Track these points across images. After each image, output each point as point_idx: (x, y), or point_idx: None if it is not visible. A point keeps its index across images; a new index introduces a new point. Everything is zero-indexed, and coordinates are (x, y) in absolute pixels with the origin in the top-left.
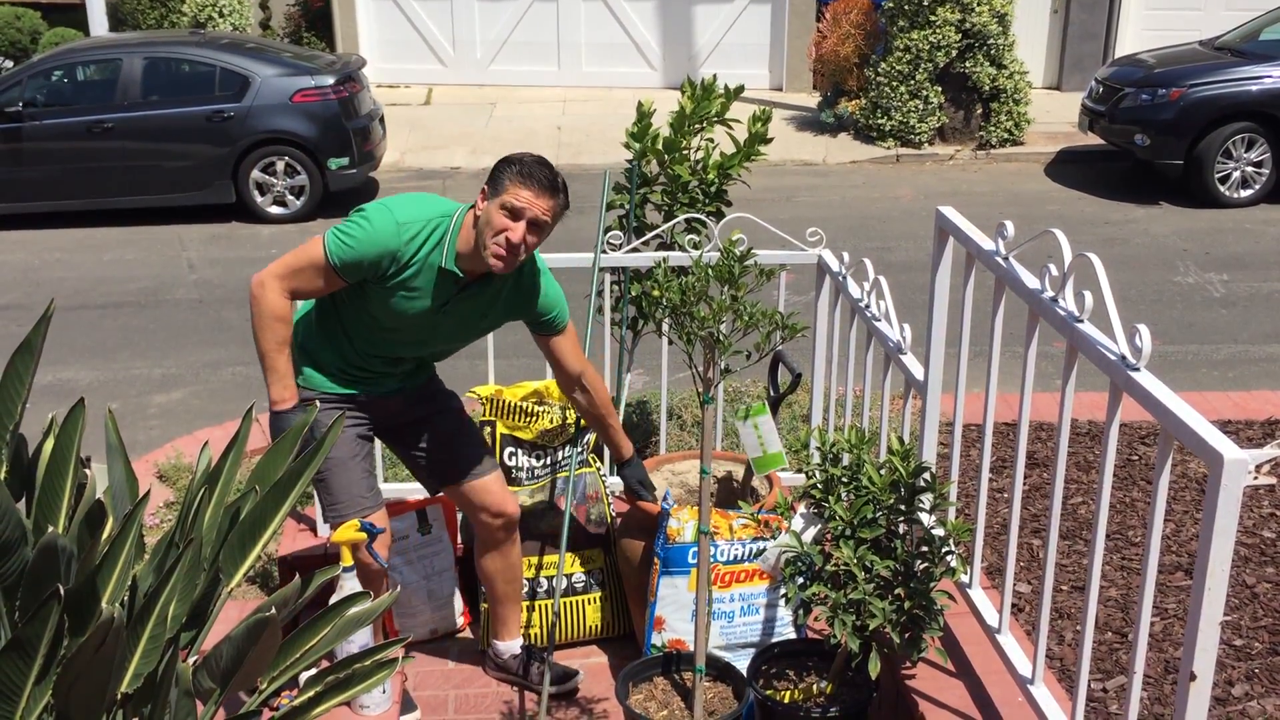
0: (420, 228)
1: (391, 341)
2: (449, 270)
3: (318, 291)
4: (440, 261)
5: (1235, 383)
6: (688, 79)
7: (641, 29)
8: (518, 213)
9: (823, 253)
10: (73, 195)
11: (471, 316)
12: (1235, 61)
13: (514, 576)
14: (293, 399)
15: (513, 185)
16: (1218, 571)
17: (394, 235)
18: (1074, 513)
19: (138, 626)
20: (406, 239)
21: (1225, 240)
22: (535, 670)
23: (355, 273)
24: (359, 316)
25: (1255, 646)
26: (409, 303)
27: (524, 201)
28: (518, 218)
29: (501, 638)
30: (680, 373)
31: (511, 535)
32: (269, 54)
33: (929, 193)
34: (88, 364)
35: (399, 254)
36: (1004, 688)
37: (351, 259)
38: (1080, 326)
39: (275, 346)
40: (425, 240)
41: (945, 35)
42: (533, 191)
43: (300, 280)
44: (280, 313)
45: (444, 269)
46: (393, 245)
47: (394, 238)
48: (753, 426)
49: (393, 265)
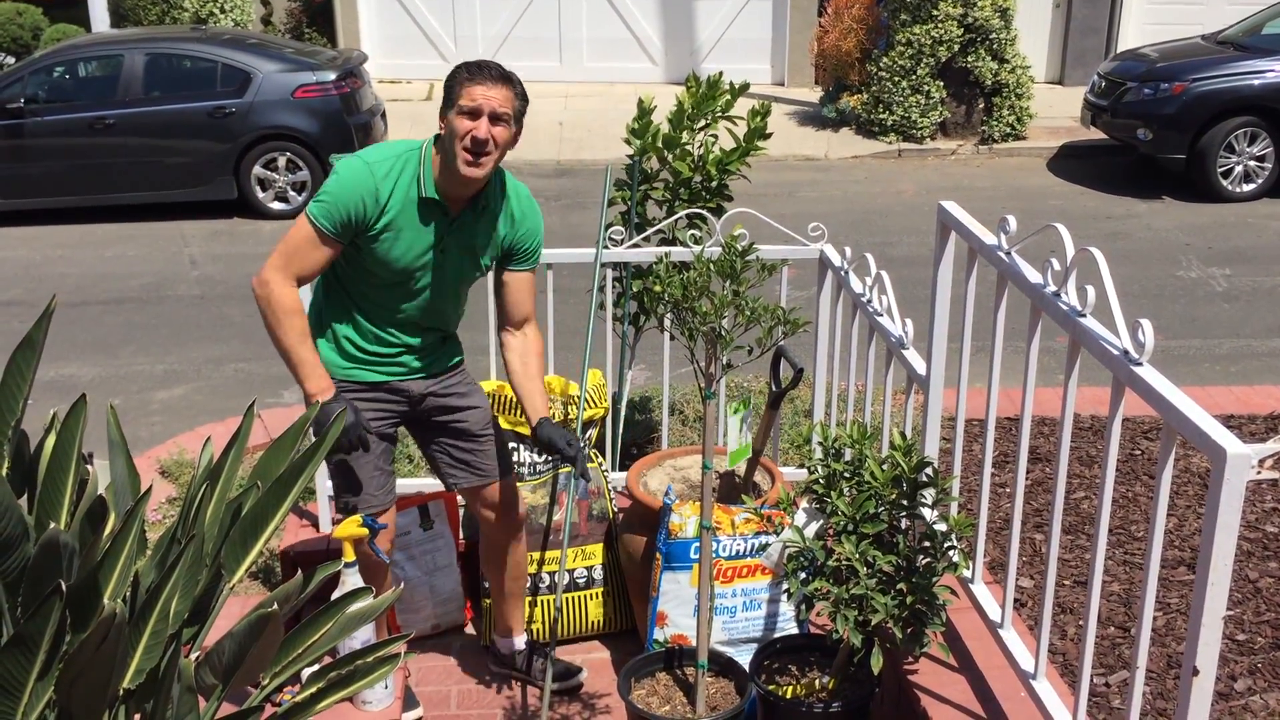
0: (391, 164)
1: (400, 302)
2: (431, 200)
3: (319, 266)
4: (420, 193)
5: (1238, 377)
6: (692, 74)
7: (643, 24)
8: (475, 111)
9: (825, 248)
10: (74, 191)
11: (471, 250)
12: (1238, 56)
13: (518, 574)
14: (330, 388)
15: (463, 88)
16: (1221, 566)
17: (366, 175)
18: (1076, 507)
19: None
20: (381, 175)
21: (1228, 235)
22: (538, 666)
23: (345, 230)
24: (362, 283)
25: (1258, 641)
26: (405, 246)
27: (479, 98)
28: (477, 115)
29: (504, 633)
30: (682, 368)
31: (517, 535)
32: (270, 50)
33: (931, 188)
34: (90, 360)
35: (377, 192)
36: (1006, 683)
37: (336, 214)
38: (1083, 321)
39: (297, 340)
40: (400, 174)
41: (947, 30)
42: (484, 85)
43: (299, 262)
44: (290, 304)
45: (425, 199)
46: (368, 184)
47: (367, 177)
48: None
49: (375, 207)
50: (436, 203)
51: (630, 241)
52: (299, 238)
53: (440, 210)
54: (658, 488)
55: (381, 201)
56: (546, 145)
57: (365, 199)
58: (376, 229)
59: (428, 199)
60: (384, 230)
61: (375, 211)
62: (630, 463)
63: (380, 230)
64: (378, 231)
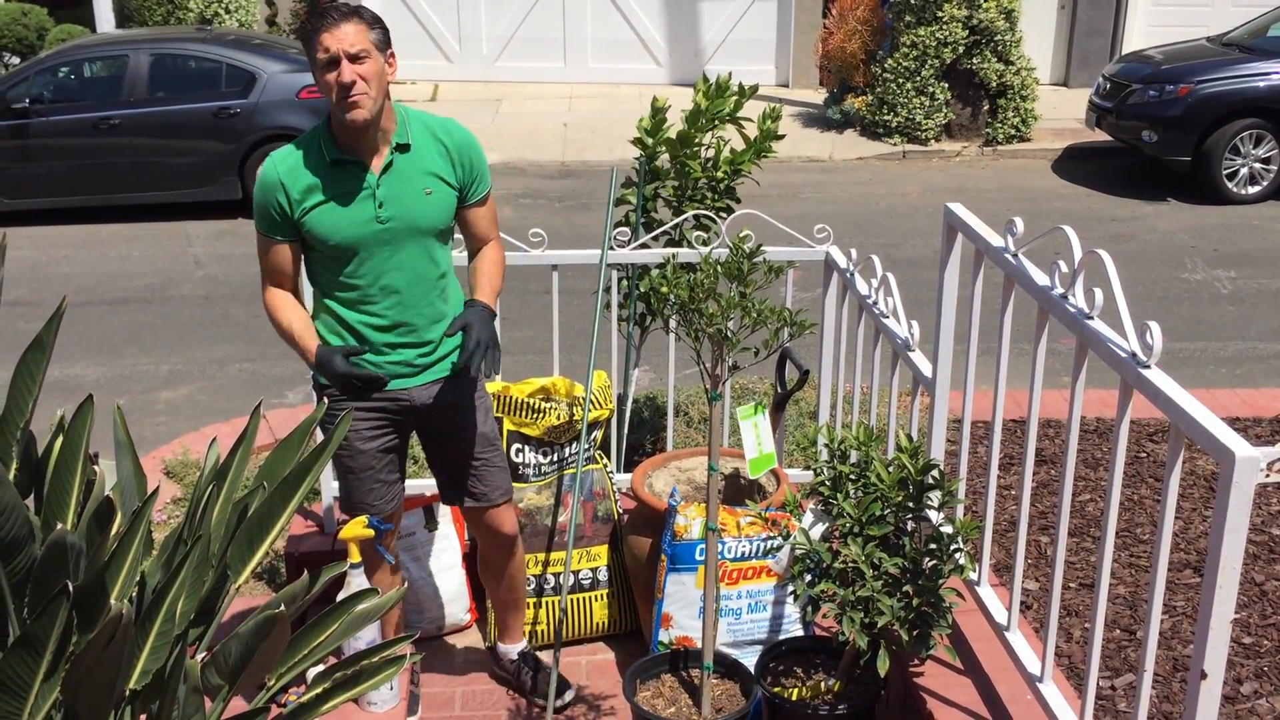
0: (291, 148)
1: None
2: (341, 160)
3: (286, 266)
4: (328, 157)
5: (1243, 379)
6: (702, 76)
7: (648, 25)
8: (331, 60)
9: (830, 249)
10: (79, 191)
11: (414, 195)
12: (1243, 58)
13: (514, 585)
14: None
15: (314, 42)
16: (1229, 569)
17: (270, 167)
18: (1082, 510)
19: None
20: (280, 159)
21: (1233, 237)
22: (529, 676)
23: (278, 225)
24: (329, 275)
25: (1264, 644)
26: (338, 214)
27: (330, 45)
28: (336, 64)
29: (504, 640)
30: (686, 369)
31: (510, 552)
32: (275, 50)
33: (935, 189)
34: (94, 360)
35: (282, 176)
36: (1012, 685)
37: (262, 214)
38: (1090, 323)
39: (287, 323)
40: (303, 152)
41: (952, 31)
42: (329, 31)
43: (269, 270)
44: (276, 302)
45: (333, 161)
46: (272, 176)
47: (271, 169)
48: (752, 426)
49: (284, 192)
50: (349, 162)
51: (636, 243)
52: (258, 252)
53: (359, 168)
54: (663, 489)
55: (289, 184)
56: (550, 146)
57: (273, 190)
58: (303, 208)
59: (335, 160)
60: (311, 208)
61: (288, 195)
62: (635, 464)
63: (308, 208)
64: (306, 209)
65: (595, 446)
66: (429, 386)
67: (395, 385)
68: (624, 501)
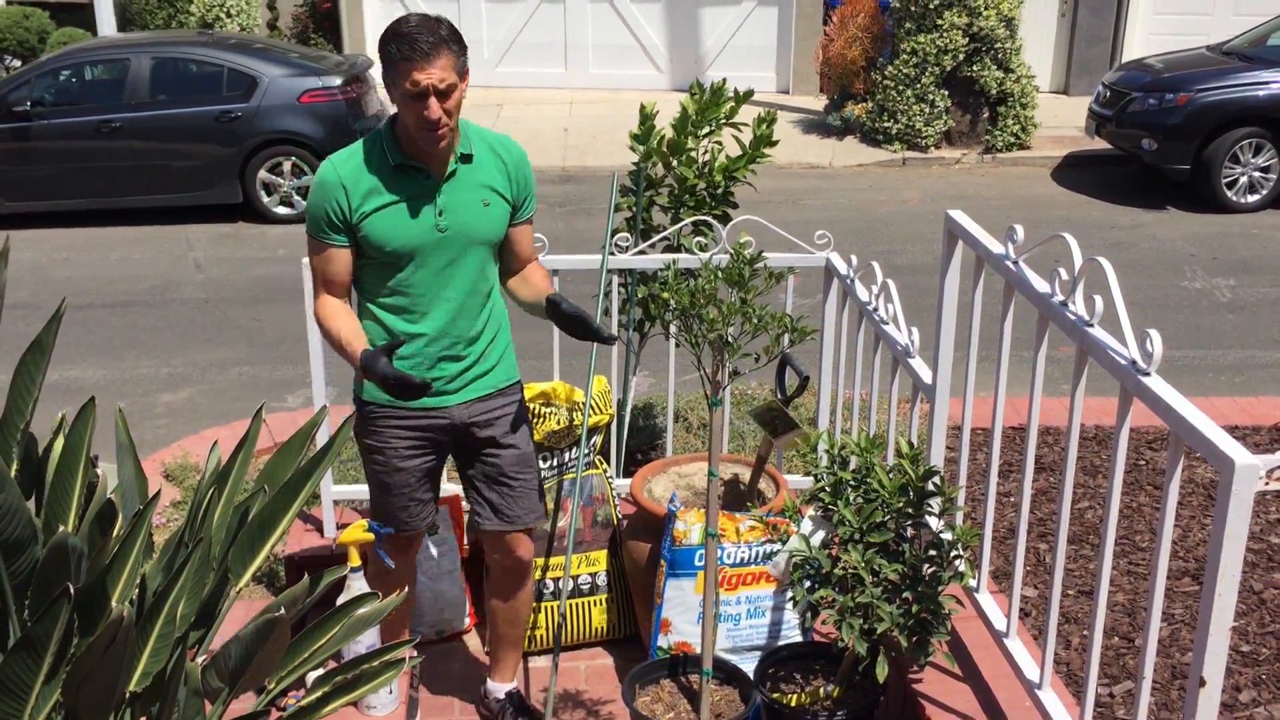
0: (353, 151)
1: (417, 285)
2: (405, 165)
3: (340, 273)
4: (391, 161)
5: (1242, 388)
6: (696, 82)
7: (649, 31)
8: (420, 94)
9: (830, 256)
10: (80, 194)
11: (473, 206)
12: (1243, 66)
13: (516, 620)
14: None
15: (399, 71)
16: (1228, 577)
17: (329, 169)
18: (1081, 517)
19: (147, 625)
20: (341, 162)
21: (1232, 245)
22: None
23: (335, 228)
24: (374, 279)
25: (1263, 652)
26: (401, 218)
27: (419, 80)
28: (422, 97)
29: (493, 677)
30: (685, 375)
31: (522, 581)
32: (276, 54)
33: (936, 196)
34: (95, 362)
35: (343, 178)
36: (1011, 692)
37: (318, 218)
38: (1090, 331)
39: (336, 329)
40: (365, 155)
41: (952, 39)
42: (416, 65)
43: (324, 277)
44: (327, 310)
45: (396, 166)
46: (333, 176)
47: (330, 171)
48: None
49: (352, 192)
50: (412, 168)
51: (636, 249)
52: (310, 258)
53: (421, 174)
54: (662, 494)
55: (350, 186)
56: (551, 151)
57: (333, 192)
58: (363, 211)
59: (398, 165)
60: (371, 212)
61: (348, 198)
62: (635, 469)
63: (368, 212)
64: (366, 213)
65: (595, 452)
66: (470, 404)
67: (434, 402)
68: (623, 507)
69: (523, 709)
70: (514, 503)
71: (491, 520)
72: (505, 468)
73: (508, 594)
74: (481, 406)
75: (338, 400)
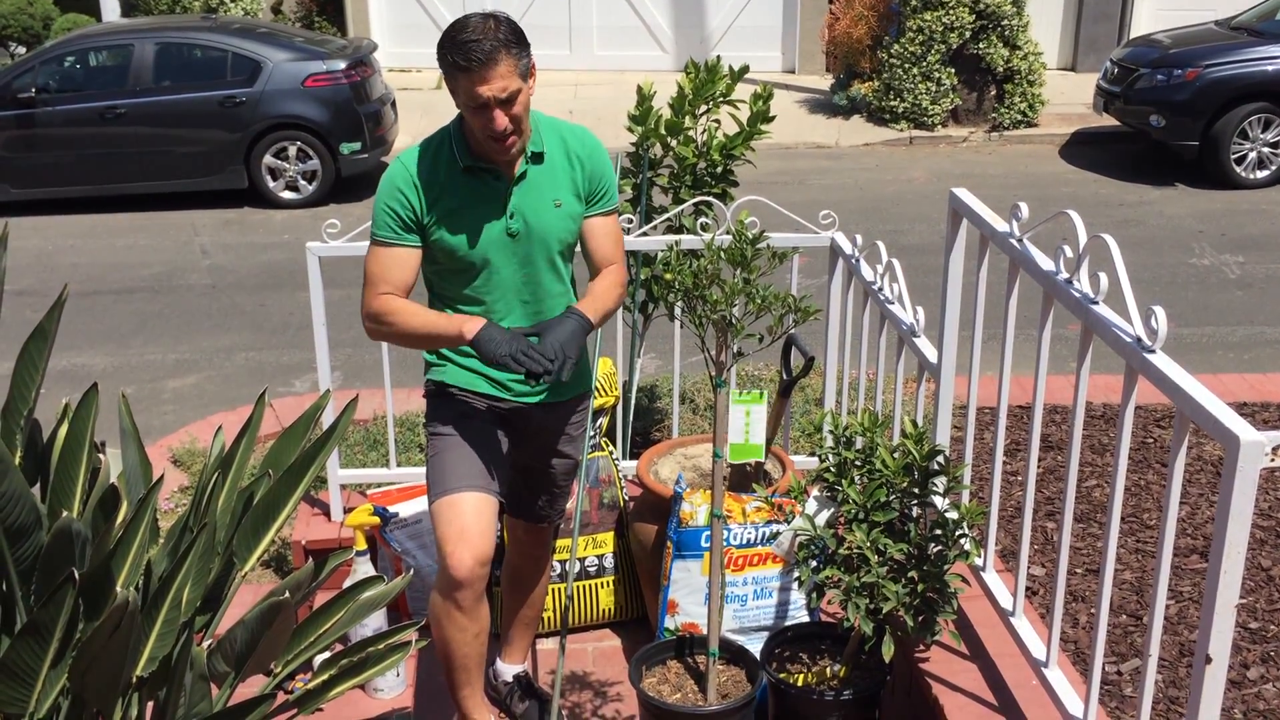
0: (422, 149)
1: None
2: (475, 168)
3: (406, 274)
4: (461, 163)
5: (1251, 365)
6: (691, 60)
7: (654, 12)
8: (480, 107)
9: (835, 235)
10: (86, 181)
11: (544, 206)
12: (1251, 41)
13: (533, 601)
14: (477, 320)
15: (458, 84)
16: (1234, 554)
17: (400, 168)
18: (1088, 495)
19: (152, 610)
20: (412, 161)
21: (1241, 221)
22: (519, 703)
23: (406, 227)
24: (449, 285)
25: (1270, 629)
26: (469, 222)
27: (479, 94)
28: (485, 109)
29: (504, 658)
30: (692, 356)
31: (543, 564)
32: (280, 39)
33: (942, 175)
34: (101, 349)
35: (413, 177)
36: (1018, 671)
37: (388, 215)
38: (1095, 308)
39: (419, 321)
40: (434, 154)
41: (958, 16)
42: (474, 79)
43: (385, 281)
44: (394, 307)
45: (467, 168)
46: (403, 174)
47: (401, 169)
48: (744, 411)
49: (417, 191)
50: (482, 169)
51: (639, 230)
52: (372, 259)
53: (492, 176)
54: (669, 476)
55: (421, 184)
56: None
57: (406, 189)
58: (434, 214)
59: (468, 167)
60: (442, 215)
61: (420, 195)
62: (641, 451)
63: (439, 215)
64: (436, 216)
65: (601, 434)
66: (546, 408)
67: (518, 396)
68: (630, 488)
69: (530, 691)
70: (551, 504)
71: (529, 512)
72: (557, 476)
73: (527, 575)
74: (555, 414)
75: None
